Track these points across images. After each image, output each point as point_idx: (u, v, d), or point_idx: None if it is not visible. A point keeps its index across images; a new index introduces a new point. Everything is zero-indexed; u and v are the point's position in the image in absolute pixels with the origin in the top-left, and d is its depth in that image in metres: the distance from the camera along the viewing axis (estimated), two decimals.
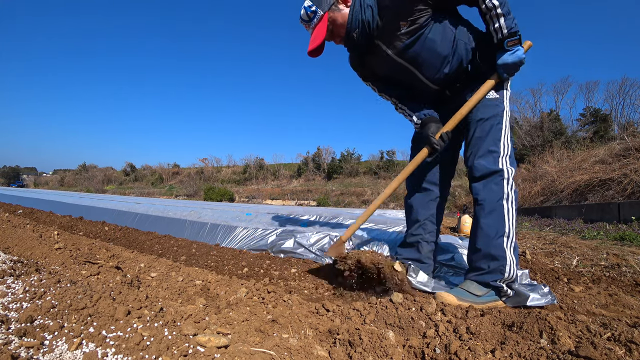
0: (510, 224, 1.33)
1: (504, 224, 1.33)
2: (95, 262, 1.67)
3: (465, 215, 3.53)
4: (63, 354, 0.73)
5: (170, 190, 25.31)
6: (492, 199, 1.35)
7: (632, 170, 5.47)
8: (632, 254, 2.13)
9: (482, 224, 1.36)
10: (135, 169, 33.49)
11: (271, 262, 2.03)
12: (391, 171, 21.34)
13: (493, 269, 1.31)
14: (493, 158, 1.37)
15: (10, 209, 5.34)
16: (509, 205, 1.34)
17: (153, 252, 2.41)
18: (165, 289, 1.33)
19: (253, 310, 1.11)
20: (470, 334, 0.96)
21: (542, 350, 0.83)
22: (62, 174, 40.84)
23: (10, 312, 0.88)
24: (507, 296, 1.33)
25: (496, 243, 1.32)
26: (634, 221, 3.86)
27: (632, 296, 1.44)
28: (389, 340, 0.91)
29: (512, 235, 1.33)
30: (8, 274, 1.15)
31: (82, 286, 1.11)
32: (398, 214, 5.23)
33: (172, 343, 0.79)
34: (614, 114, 13.57)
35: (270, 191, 21.26)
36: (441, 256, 1.88)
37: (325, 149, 24.88)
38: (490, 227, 1.33)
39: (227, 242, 2.61)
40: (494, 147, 1.38)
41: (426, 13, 1.27)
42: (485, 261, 1.33)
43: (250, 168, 26.21)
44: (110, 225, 3.56)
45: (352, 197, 17.68)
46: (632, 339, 0.83)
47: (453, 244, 1.97)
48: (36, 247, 1.90)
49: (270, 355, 0.79)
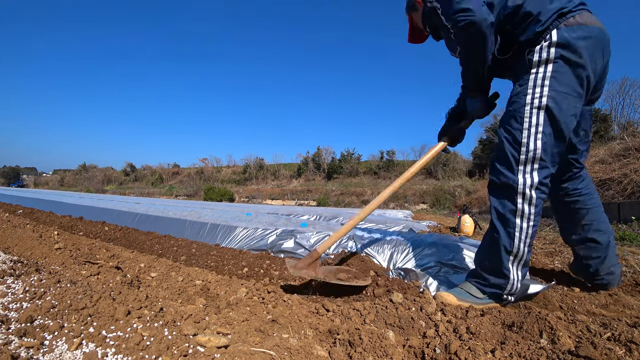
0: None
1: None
2: (95, 262, 1.67)
3: (465, 215, 3.53)
4: (63, 354, 0.73)
5: (170, 190, 25.31)
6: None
7: (632, 170, 5.47)
8: (632, 254, 2.13)
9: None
10: (135, 169, 33.49)
11: (271, 262, 2.03)
12: (391, 171, 21.34)
13: (493, 283, 1.27)
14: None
15: (10, 209, 5.34)
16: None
17: (153, 252, 2.41)
18: (165, 289, 1.33)
19: (253, 310, 1.11)
20: (470, 333, 0.96)
21: (542, 350, 0.83)
22: (62, 174, 40.84)
23: (10, 312, 0.88)
24: (508, 302, 1.31)
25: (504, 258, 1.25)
26: (634, 221, 3.87)
27: (632, 296, 1.44)
28: (389, 340, 0.91)
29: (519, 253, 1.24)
30: (8, 274, 1.15)
31: (82, 286, 1.11)
32: (398, 214, 5.23)
33: (172, 343, 0.79)
34: (613, 114, 13.55)
35: (270, 191, 21.26)
36: (441, 256, 1.88)
37: (325, 149, 24.91)
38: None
39: (227, 242, 2.61)
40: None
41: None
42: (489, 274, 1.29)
43: (250, 168, 26.21)
44: (110, 225, 3.56)
45: (352, 197, 17.68)
46: (632, 339, 0.83)
47: (453, 244, 1.97)
48: (36, 247, 1.90)
49: (270, 355, 0.79)
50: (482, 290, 1.30)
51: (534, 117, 1.17)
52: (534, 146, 1.17)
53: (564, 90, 1.15)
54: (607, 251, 1.42)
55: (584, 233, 1.46)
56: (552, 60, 1.15)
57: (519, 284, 1.26)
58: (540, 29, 1.17)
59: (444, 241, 1.96)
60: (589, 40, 1.13)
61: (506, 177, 1.21)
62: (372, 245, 2.06)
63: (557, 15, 1.15)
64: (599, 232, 1.43)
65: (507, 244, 1.22)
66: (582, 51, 1.13)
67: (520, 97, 1.21)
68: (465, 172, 19.06)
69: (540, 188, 1.19)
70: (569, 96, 1.16)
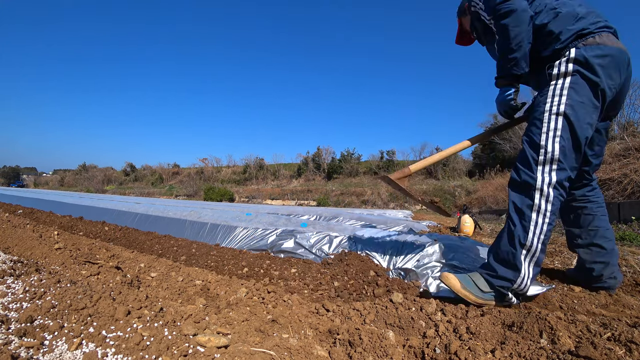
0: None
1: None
2: (95, 262, 1.67)
3: (465, 215, 3.53)
4: (63, 354, 0.73)
5: (170, 190, 25.31)
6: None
7: (632, 170, 5.47)
8: (632, 254, 2.13)
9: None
10: (135, 169, 33.49)
11: (271, 262, 2.03)
12: (391, 171, 21.30)
13: (502, 275, 1.27)
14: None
15: (10, 209, 5.34)
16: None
17: (153, 252, 2.41)
18: (165, 289, 1.33)
19: (253, 310, 1.11)
20: (470, 334, 0.96)
21: (542, 350, 0.83)
22: (62, 174, 40.84)
23: (10, 312, 0.88)
24: (510, 303, 1.30)
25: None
26: (634, 221, 3.87)
27: (632, 296, 1.44)
28: (389, 340, 0.91)
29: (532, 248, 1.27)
30: (8, 274, 1.15)
31: (82, 286, 1.11)
32: (398, 214, 5.23)
33: (172, 343, 0.79)
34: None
35: (270, 191, 21.26)
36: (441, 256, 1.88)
37: (325, 149, 24.91)
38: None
39: (227, 242, 2.61)
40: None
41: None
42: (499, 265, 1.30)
43: (250, 168, 26.21)
44: (110, 225, 3.56)
45: (352, 197, 17.69)
46: (632, 339, 0.83)
47: (453, 244, 1.97)
48: (36, 247, 1.90)
49: (270, 355, 0.79)
50: (489, 283, 1.30)
51: (552, 122, 1.27)
52: (552, 148, 1.25)
53: (581, 100, 1.25)
54: (612, 258, 1.48)
55: (590, 238, 1.51)
56: (570, 73, 1.27)
57: (529, 281, 1.27)
58: (560, 47, 1.30)
59: (444, 241, 1.96)
60: (605, 59, 1.24)
61: (526, 175, 1.29)
62: (372, 245, 2.06)
63: (576, 35, 1.28)
64: (605, 238, 1.49)
65: (522, 237, 1.26)
66: (597, 68, 1.24)
67: (540, 106, 1.32)
68: (465, 172, 19.07)
69: (558, 188, 1.25)
70: (585, 105, 1.25)
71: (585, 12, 1.29)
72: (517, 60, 1.35)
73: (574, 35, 1.28)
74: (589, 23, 1.27)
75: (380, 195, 17.04)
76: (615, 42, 1.28)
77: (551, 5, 1.33)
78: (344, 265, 1.85)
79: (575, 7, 1.31)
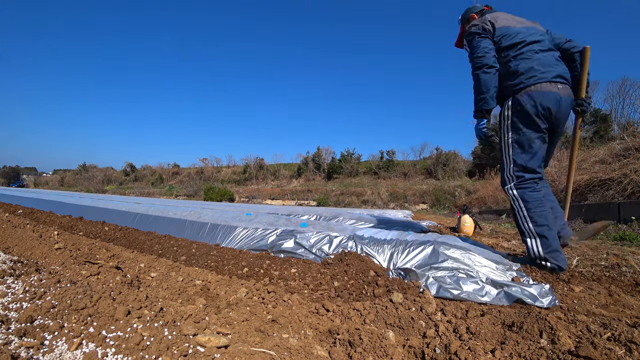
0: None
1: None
2: (95, 262, 1.67)
3: (465, 215, 3.53)
4: (63, 354, 0.73)
5: (170, 190, 25.31)
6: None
7: (632, 170, 5.47)
8: (632, 254, 2.13)
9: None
10: (135, 169, 33.48)
11: (271, 262, 2.03)
12: (391, 171, 21.34)
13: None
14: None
15: (10, 209, 5.34)
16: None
17: (153, 252, 2.41)
18: (165, 289, 1.33)
19: (253, 310, 1.11)
20: (470, 334, 0.96)
21: (542, 350, 0.83)
22: (62, 174, 40.82)
23: (10, 312, 0.88)
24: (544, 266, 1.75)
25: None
26: (634, 221, 3.86)
27: (632, 296, 1.44)
28: (389, 340, 0.91)
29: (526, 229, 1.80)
30: (8, 274, 1.15)
31: (82, 286, 1.11)
32: (398, 214, 5.23)
33: (172, 343, 0.79)
34: (614, 114, 13.56)
35: (270, 191, 21.26)
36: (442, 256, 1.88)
37: (325, 149, 24.89)
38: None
39: (227, 242, 2.61)
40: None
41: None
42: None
43: (250, 168, 26.21)
44: (110, 225, 3.56)
45: (352, 197, 17.69)
46: (632, 339, 0.83)
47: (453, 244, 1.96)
48: (36, 247, 1.90)
49: (270, 355, 0.79)
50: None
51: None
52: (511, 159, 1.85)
53: (520, 126, 1.80)
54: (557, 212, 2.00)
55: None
56: (509, 116, 1.83)
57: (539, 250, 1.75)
58: (506, 92, 1.85)
59: (444, 241, 1.96)
60: (532, 99, 1.74)
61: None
62: (372, 245, 2.06)
63: (514, 90, 1.79)
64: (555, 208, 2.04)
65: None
66: (529, 107, 1.75)
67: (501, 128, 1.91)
68: (465, 172, 19.06)
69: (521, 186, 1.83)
70: (526, 129, 1.79)
71: (526, 68, 1.75)
72: (486, 99, 1.82)
73: (513, 87, 1.79)
74: (525, 78, 1.75)
75: (380, 195, 17.04)
76: (548, 87, 1.73)
77: (507, 59, 1.82)
78: (344, 265, 1.85)
79: (520, 63, 1.77)
